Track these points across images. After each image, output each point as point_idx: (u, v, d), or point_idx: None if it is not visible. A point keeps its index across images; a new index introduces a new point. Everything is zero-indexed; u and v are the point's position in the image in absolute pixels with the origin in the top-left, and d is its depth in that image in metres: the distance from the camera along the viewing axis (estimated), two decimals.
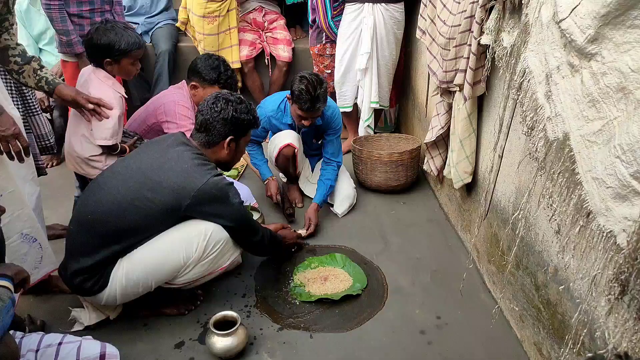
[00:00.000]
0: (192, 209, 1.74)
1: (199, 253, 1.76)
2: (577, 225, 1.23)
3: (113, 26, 2.13)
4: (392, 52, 3.19)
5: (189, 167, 1.74)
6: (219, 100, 1.83)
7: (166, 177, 1.71)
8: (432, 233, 2.56)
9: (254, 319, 1.94)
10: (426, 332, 1.87)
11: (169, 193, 1.70)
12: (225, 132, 1.83)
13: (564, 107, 1.26)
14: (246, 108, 1.86)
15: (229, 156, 1.90)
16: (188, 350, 1.79)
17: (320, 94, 2.39)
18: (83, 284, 1.71)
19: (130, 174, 1.75)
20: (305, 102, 2.38)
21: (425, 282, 2.17)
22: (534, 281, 1.66)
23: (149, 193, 1.70)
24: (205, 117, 1.82)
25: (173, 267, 1.76)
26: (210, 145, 1.85)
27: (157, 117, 2.46)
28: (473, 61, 1.90)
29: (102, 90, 2.16)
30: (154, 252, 1.73)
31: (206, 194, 1.73)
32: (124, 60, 2.16)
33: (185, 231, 1.76)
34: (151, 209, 1.70)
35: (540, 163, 1.42)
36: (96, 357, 1.51)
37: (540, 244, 1.61)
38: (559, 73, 1.28)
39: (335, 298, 2.02)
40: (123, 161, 1.87)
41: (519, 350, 1.78)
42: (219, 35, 3.49)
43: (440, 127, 2.36)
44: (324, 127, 2.72)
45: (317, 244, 2.45)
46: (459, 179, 2.22)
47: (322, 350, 1.79)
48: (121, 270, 1.71)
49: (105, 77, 2.19)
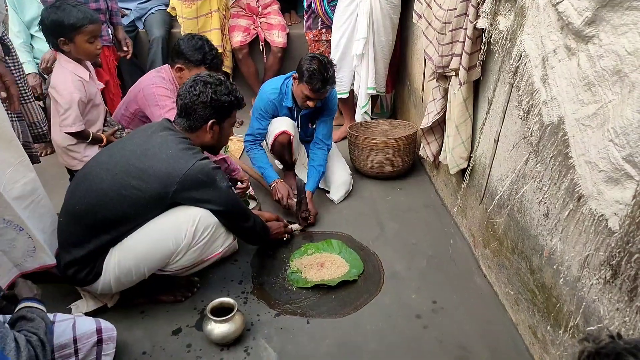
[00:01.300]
0: (180, 195, 1.72)
1: (189, 239, 1.75)
2: (567, 209, 1.23)
3: (61, 4, 2.09)
4: (388, 37, 3.17)
5: (174, 153, 1.72)
6: (197, 83, 1.78)
7: (151, 164, 1.70)
8: (428, 218, 2.57)
9: (250, 305, 1.96)
10: (422, 317, 1.89)
11: (155, 180, 1.69)
12: (206, 116, 1.79)
13: (560, 91, 1.26)
14: (227, 89, 1.81)
15: (214, 140, 1.86)
16: (185, 336, 1.80)
17: (331, 75, 2.42)
18: (77, 274, 1.72)
19: (114, 162, 1.73)
20: (317, 82, 2.37)
21: (421, 267, 2.18)
22: (529, 265, 1.68)
23: (135, 181, 1.68)
24: (184, 102, 1.79)
25: (163, 253, 1.75)
26: (193, 130, 1.82)
27: (138, 103, 2.41)
28: (469, 45, 1.88)
29: (62, 76, 2.14)
30: (144, 240, 1.72)
31: (192, 179, 1.71)
32: (77, 37, 2.11)
33: (174, 217, 1.75)
34: (138, 197, 1.68)
35: (534, 147, 1.42)
36: (93, 332, 1.53)
37: (535, 228, 1.62)
38: (556, 56, 1.27)
39: (331, 284, 2.03)
40: (108, 150, 1.85)
41: (514, 333, 1.80)
42: (198, 19, 3.44)
43: (436, 113, 2.35)
44: (322, 108, 2.72)
45: (313, 231, 2.46)
46: (455, 165, 2.22)
47: (319, 335, 1.81)
48: (113, 259, 1.72)
49: (65, 61, 2.16)
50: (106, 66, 3.09)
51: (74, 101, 2.14)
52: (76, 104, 2.15)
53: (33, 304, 1.27)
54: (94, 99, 2.29)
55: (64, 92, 2.14)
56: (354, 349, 1.75)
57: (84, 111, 2.23)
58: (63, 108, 2.15)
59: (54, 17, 2.07)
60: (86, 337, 1.52)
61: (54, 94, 2.17)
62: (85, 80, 2.21)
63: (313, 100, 2.49)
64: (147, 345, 1.75)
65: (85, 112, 2.25)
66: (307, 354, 1.72)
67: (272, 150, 2.71)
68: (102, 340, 1.56)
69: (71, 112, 2.15)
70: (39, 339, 1.14)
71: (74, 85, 2.15)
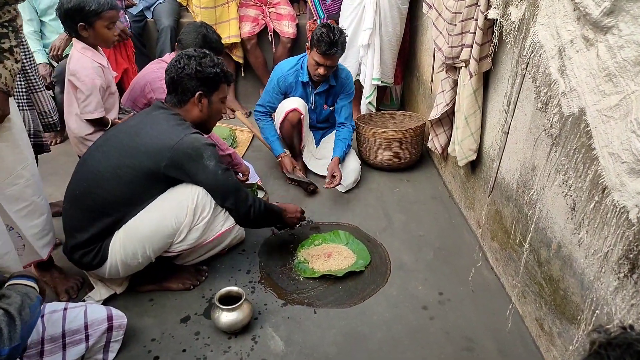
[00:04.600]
0: (171, 171, 1.72)
1: (190, 217, 1.76)
2: (593, 200, 1.22)
3: None
4: (396, 27, 3.14)
5: (164, 128, 1.74)
6: (181, 57, 1.80)
7: (143, 141, 1.72)
8: (436, 210, 2.56)
9: (258, 294, 1.97)
10: (428, 308, 1.89)
11: (147, 156, 1.70)
12: (193, 88, 1.80)
13: (579, 82, 1.24)
14: (211, 61, 1.81)
15: (203, 114, 1.86)
16: (194, 324, 1.82)
17: (339, 39, 2.48)
18: (82, 258, 1.74)
19: (109, 144, 1.77)
20: (324, 44, 2.44)
21: (428, 258, 2.18)
22: (537, 258, 1.67)
23: (128, 160, 1.70)
24: (170, 76, 1.81)
25: (166, 233, 1.76)
26: (181, 104, 1.83)
27: (147, 97, 2.43)
28: (479, 36, 1.86)
29: (83, 62, 2.15)
30: (146, 220, 1.74)
31: (181, 153, 1.71)
32: (97, 23, 2.12)
33: (174, 196, 1.76)
34: (133, 175, 1.70)
35: (555, 139, 1.41)
36: (104, 319, 1.55)
37: (544, 221, 1.61)
38: (573, 47, 1.25)
39: (338, 274, 2.03)
40: (105, 134, 1.90)
41: (521, 325, 1.80)
42: (216, 9, 3.44)
43: (445, 104, 2.33)
44: (337, 89, 2.78)
45: (321, 221, 2.46)
46: (464, 157, 2.21)
47: (325, 325, 1.82)
48: (118, 242, 1.74)
49: (83, 49, 2.17)
50: (125, 54, 3.10)
51: (96, 87, 2.15)
52: (97, 90, 2.16)
53: (21, 280, 1.24)
54: (111, 86, 2.31)
55: (85, 79, 2.14)
56: (360, 339, 1.76)
57: (103, 98, 2.24)
58: (85, 94, 2.15)
59: (75, 2, 2.08)
60: (97, 324, 1.54)
61: (74, 81, 2.17)
62: (104, 66, 2.23)
63: (323, 67, 2.54)
64: (156, 332, 1.77)
65: (104, 99, 2.25)
66: (314, 343, 1.74)
67: (281, 130, 2.73)
68: (113, 327, 1.58)
69: (93, 98, 2.16)
70: (5, 312, 1.11)
71: (94, 71, 2.16)
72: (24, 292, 1.19)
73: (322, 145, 2.96)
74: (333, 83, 2.75)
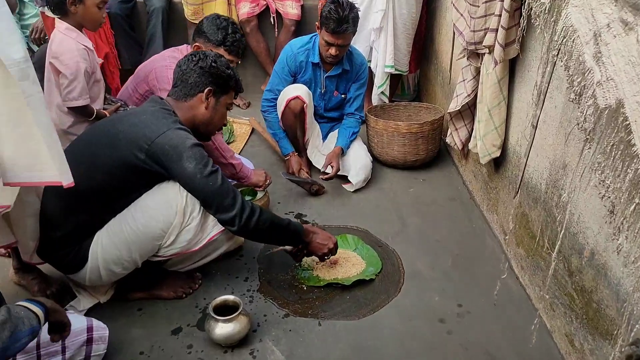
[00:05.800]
0: (151, 166, 1.71)
1: (180, 217, 1.75)
2: (633, 202, 1.21)
3: None
4: (411, 9, 3.13)
5: (147, 118, 1.75)
6: (197, 54, 1.87)
7: (123, 128, 1.74)
8: (455, 213, 2.55)
9: (257, 304, 1.97)
10: (446, 321, 1.89)
11: (123, 145, 1.71)
12: (202, 83, 1.83)
13: (617, 70, 1.23)
14: (226, 64, 1.90)
15: (208, 113, 1.87)
16: (186, 336, 1.82)
17: (350, 16, 2.51)
18: (61, 259, 1.75)
19: (92, 135, 1.80)
20: (333, 21, 2.48)
21: (445, 266, 2.18)
22: (567, 266, 1.66)
23: (106, 149, 1.72)
24: (181, 69, 1.86)
25: (154, 234, 1.75)
26: (187, 98, 1.85)
27: (149, 84, 2.44)
28: (505, 19, 1.85)
29: (67, 44, 2.16)
30: (130, 220, 1.73)
31: (159, 149, 1.69)
32: None
33: (162, 192, 1.75)
34: (110, 165, 1.70)
35: (589, 134, 1.40)
36: (82, 330, 1.56)
37: (575, 225, 1.60)
38: (610, 32, 1.24)
39: (346, 283, 2.04)
40: (91, 126, 1.93)
41: (549, 341, 1.79)
42: None
43: (467, 95, 2.33)
44: (351, 75, 2.80)
45: (327, 224, 2.46)
46: (486, 153, 2.20)
47: (331, 338, 1.82)
48: (100, 242, 1.74)
49: (67, 30, 2.18)
50: (104, 36, 3.11)
51: (80, 71, 2.16)
52: (82, 74, 2.17)
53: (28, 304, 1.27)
54: (96, 73, 2.32)
55: (69, 62, 2.15)
56: (369, 354, 1.76)
57: (88, 85, 2.25)
58: (68, 79, 2.16)
59: None
60: (75, 335, 1.54)
61: (57, 64, 2.17)
62: (90, 49, 2.24)
63: (334, 47, 2.57)
64: (145, 345, 1.78)
65: (89, 86, 2.26)
66: (319, 359, 1.74)
67: (283, 120, 2.74)
68: (93, 340, 1.58)
69: (77, 84, 2.17)
70: None
71: (79, 53, 2.17)
72: (20, 316, 1.20)
73: (330, 140, 2.96)
74: (347, 67, 2.77)
